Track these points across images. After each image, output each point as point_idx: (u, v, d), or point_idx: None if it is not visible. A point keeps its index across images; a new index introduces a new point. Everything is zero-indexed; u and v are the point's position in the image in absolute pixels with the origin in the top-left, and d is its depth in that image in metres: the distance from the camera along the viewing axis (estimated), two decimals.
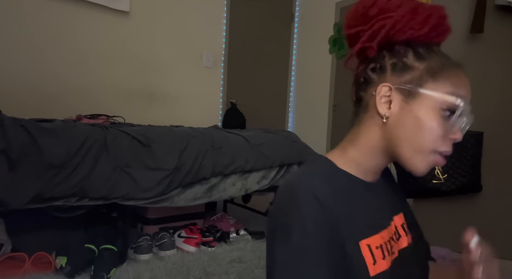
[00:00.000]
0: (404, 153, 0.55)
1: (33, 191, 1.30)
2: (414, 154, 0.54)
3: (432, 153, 0.54)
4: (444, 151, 0.54)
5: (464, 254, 0.53)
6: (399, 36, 0.55)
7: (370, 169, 0.60)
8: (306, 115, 3.73)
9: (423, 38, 0.56)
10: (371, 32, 0.56)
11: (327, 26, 3.39)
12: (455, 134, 0.53)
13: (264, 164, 1.90)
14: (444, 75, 0.53)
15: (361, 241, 0.54)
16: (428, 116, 0.52)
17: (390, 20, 0.54)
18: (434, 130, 0.52)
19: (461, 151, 1.97)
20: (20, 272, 1.38)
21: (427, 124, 0.52)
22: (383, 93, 0.55)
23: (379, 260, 0.55)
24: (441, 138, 0.53)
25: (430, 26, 0.54)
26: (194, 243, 1.75)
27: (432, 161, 0.54)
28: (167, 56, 2.91)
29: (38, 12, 2.27)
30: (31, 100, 2.25)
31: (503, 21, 1.97)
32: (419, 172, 0.55)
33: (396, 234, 0.62)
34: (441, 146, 0.53)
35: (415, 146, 0.54)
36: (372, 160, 0.59)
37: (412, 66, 0.55)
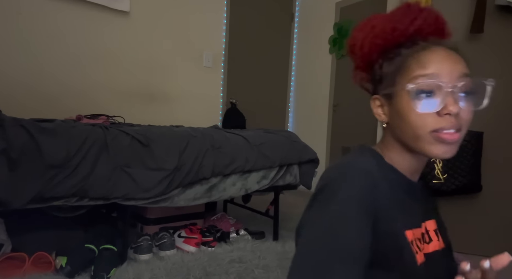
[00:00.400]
0: (412, 145, 0.58)
1: (33, 191, 1.29)
2: (417, 142, 0.57)
3: (429, 134, 0.55)
4: (437, 128, 0.54)
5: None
6: (372, 56, 0.62)
7: (406, 168, 0.63)
8: (306, 115, 3.73)
9: (392, 43, 0.60)
10: (354, 67, 0.67)
11: (327, 26, 3.39)
12: (447, 108, 0.53)
13: (264, 164, 1.90)
14: (407, 64, 0.57)
15: (407, 231, 0.58)
16: (408, 106, 0.56)
17: (356, 52, 0.63)
18: (413, 116, 0.55)
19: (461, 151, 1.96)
20: (20, 272, 1.38)
21: (410, 113, 0.56)
22: (376, 104, 0.63)
23: (419, 252, 0.59)
24: (433, 118, 0.54)
25: (388, 33, 0.59)
26: (194, 243, 1.75)
27: (438, 139, 0.54)
28: (167, 56, 2.91)
29: (38, 12, 2.27)
30: (31, 100, 2.25)
31: (503, 21, 1.97)
32: (437, 155, 0.56)
33: (426, 237, 0.63)
34: (433, 125, 0.54)
35: (411, 135, 0.57)
36: (402, 159, 0.62)
37: (385, 73, 0.61)
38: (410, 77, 0.55)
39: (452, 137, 0.54)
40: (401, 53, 0.59)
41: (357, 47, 0.63)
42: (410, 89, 0.55)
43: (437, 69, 0.54)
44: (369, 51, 0.62)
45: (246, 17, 3.43)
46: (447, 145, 0.55)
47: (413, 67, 0.56)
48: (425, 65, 0.55)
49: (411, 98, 0.55)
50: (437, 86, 0.54)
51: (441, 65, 0.55)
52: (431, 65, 0.55)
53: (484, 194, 2.02)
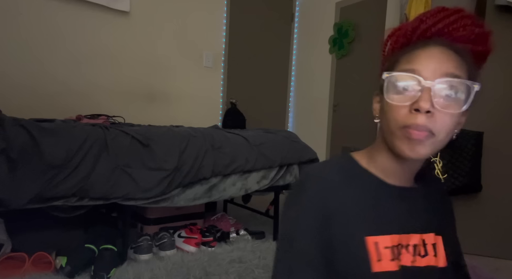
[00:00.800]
0: (387, 141, 0.58)
1: (33, 191, 1.30)
2: (389, 137, 0.57)
3: (400, 129, 0.54)
4: (407, 124, 0.53)
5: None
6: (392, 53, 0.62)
7: (388, 170, 0.62)
8: (306, 115, 3.73)
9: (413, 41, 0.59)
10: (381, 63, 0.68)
11: (327, 26, 3.39)
12: (417, 104, 0.52)
13: (264, 164, 1.90)
14: (399, 60, 0.57)
15: (369, 237, 0.57)
16: (385, 102, 0.57)
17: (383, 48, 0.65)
18: (393, 109, 0.55)
19: (461, 151, 1.97)
20: (20, 272, 1.38)
21: (387, 106, 0.56)
22: (376, 100, 0.64)
23: (386, 260, 0.57)
24: (407, 114, 0.53)
25: (409, 31, 0.59)
26: (194, 243, 1.75)
27: (405, 135, 0.54)
28: (167, 56, 2.91)
29: (38, 12, 2.28)
30: (31, 100, 2.25)
31: (503, 21, 1.97)
32: (402, 152, 0.55)
33: (419, 249, 0.61)
34: (404, 121, 0.53)
35: (387, 129, 0.57)
36: (387, 159, 0.61)
37: (385, 69, 0.61)
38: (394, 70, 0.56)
39: (417, 135, 0.52)
40: (403, 50, 0.59)
41: (383, 45, 0.65)
42: (385, 78, 0.55)
43: (421, 65, 0.54)
44: (392, 48, 0.62)
45: (246, 17, 3.43)
46: (415, 143, 0.53)
47: (402, 62, 0.56)
48: (411, 61, 0.55)
49: (386, 88, 0.56)
50: (414, 79, 0.53)
51: (426, 61, 0.54)
52: (416, 61, 0.54)
53: (484, 194, 2.02)
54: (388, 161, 0.61)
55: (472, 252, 2.00)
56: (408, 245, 0.60)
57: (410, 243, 0.60)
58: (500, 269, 1.86)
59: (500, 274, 1.79)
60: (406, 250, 0.60)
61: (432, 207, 0.65)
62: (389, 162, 0.61)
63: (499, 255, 2.01)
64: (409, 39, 0.59)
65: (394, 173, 0.62)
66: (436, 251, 0.62)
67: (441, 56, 0.54)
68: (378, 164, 0.62)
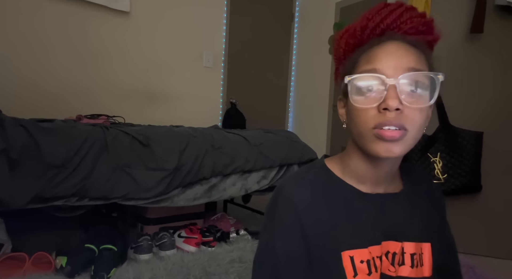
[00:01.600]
0: (359, 144, 0.56)
1: (33, 191, 1.30)
2: (360, 140, 0.55)
3: (370, 130, 0.53)
4: (377, 124, 0.51)
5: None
6: (344, 56, 0.62)
7: (362, 176, 0.59)
8: (306, 115, 3.73)
9: (364, 42, 0.59)
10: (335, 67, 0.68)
11: (327, 26, 3.38)
12: (385, 103, 0.50)
13: (264, 164, 1.90)
14: (359, 59, 0.56)
15: (344, 252, 0.55)
16: (351, 104, 0.55)
17: (335, 53, 0.65)
18: (361, 112, 0.53)
19: (461, 151, 1.97)
20: (20, 272, 1.38)
21: (353, 110, 0.55)
22: (341, 105, 0.63)
23: (362, 275, 0.55)
24: (375, 115, 0.52)
25: (358, 32, 0.59)
26: (194, 243, 1.75)
27: (377, 136, 0.52)
28: (167, 56, 2.92)
29: (38, 12, 2.28)
30: (31, 100, 2.25)
31: (503, 21, 1.97)
32: (377, 154, 0.53)
33: (398, 258, 0.59)
34: (373, 121, 0.52)
35: (355, 132, 0.56)
36: (358, 164, 0.59)
37: (344, 71, 0.60)
38: (356, 72, 0.55)
39: (391, 135, 0.50)
40: (358, 50, 0.58)
41: (334, 49, 0.64)
42: (348, 83, 0.54)
43: (381, 64, 0.52)
44: (343, 51, 0.62)
45: (246, 17, 3.43)
46: (389, 143, 0.51)
47: (361, 63, 0.55)
48: (371, 60, 0.53)
49: (350, 92, 0.54)
50: (377, 79, 0.52)
51: (386, 59, 0.52)
52: (375, 59, 0.53)
53: (484, 194, 2.02)
54: (361, 165, 0.59)
55: (472, 252, 2.00)
56: (388, 252, 0.58)
57: (389, 250, 0.58)
58: (500, 269, 1.86)
59: (500, 274, 1.79)
60: (386, 258, 0.58)
61: (417, 212, 0.62)
62: (362, 167, 0.59)
63: (499, 255, 2.01)
64: (360, 39, 0.58)
65: (369, 178, 0.59)
66: (419, 260, 0.60)
67: (399, 51, 0.53)
68: (352, 171, 0.60)
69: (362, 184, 0.60)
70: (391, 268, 0.58)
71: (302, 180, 0.60)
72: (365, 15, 0.58)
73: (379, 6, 0.58)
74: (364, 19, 0.58)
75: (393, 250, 0.58)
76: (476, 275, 1.67)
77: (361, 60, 0.55)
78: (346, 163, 0.61)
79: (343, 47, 0.61)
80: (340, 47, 0.62)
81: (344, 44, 0.61)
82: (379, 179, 0.60)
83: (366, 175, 0.59)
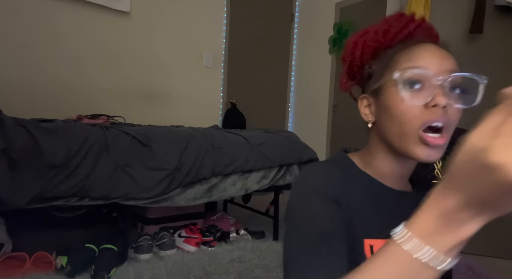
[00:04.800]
0: (396, 145, 0.56)
1: (33, 191, 1.30)
2: (401, 140, 0.54)
3: (417, 131, 0.52)
4: (426, 121, 0.51)
5: None
6: (365, 59, 0.62)
7: (385, 174, 0.61)
8: (306, 115, 3.73)
9: (385, 45, 0.60)
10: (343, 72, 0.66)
11: (327, 26, 3.39)
12: (434, 100, 0.50)
13: (264, 164, 1.90)
14: (395, 59, 0.56)
15: (366, 239, 0.56)
16: (395, 99, 0.54)
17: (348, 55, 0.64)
18: (405, 110, 0.53)
19: None
20: (20, 272, 1.38)
21: (392, 108, 0.54)
22: (364, 104, 0.62)
23: None
24: (420, 112, 0.52)
25: (380, 35, 0.59)
26: (194, 242, 1.75)
27: (422, 140, 0.52)
28: (167, 56, 2.92)
29: (38, 12, 2.28)
30: (31, 101, 2.26)
31: (503, 22, 1.97)
32: (419, 158, 0.53)
33: None
34: (421, 119, 0.51)
35: (396, 132, 0.55)
36: (384, 163, 0.60)
37: (373, 71, 0.60)
38: (400, 67, 0.54)
39: (436, 142, 0.51)
40: (390, 51, 0.58)
41: (348, 52, 0.63)
42: (397, 78, 0.52)
43: (426, 63, 0.53)
44: (361, 53, 0.61)
45: (246, 18, 3.44)
46: (431, 148, 0.52)
47: (402, 61, 0.55)
48: (414, 58, 0.54)
49: (399, 88, 0.53)
50: (425, 77, 0.52)
51: (430, 59, 0.53)
52: (419, 58, 0.53)
53: None
54: (386, 164, 0.60)
55: (472, 252, 2.00)
56: None
57: None
58: (500, 269, 1.86)
59: (500, 274, 1.79)
60: None
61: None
62: (387, 165, 0.60)
63: (499, 255, 2.01)
64: (381, 42, 0.59)
65: (391, 176, 0.61)
66: None
67: (441, 52, 0.54)
68: (374, 168, 0.61)
69: (383, 180, 0.61)
70: None
71: (329, 166, 0.60)
72: (386, 20, 0.60)
73: (398, 14, 0.60)
74: (385, 23, 0.60)
75: None
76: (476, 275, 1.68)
77: (399, 59, 0.55)
78: (368, 162, 0.62)
79: (360, 50, 0.61)
80: (357, 49, 0.62)
81: (362, 46, 0.61)
82: (401, 177, 0.62)
83: (388, 173, 0.61)
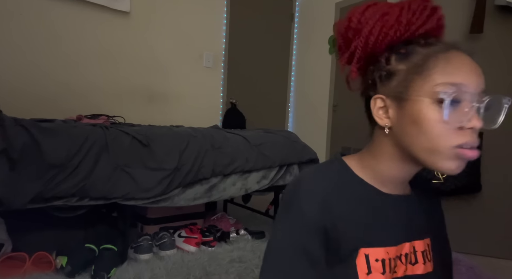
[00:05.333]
0: (422, 157, 0.52)
1: (33, 191, 1.30)
2: (431, 156, 0.51)
3: (451, 149, 0.49)
4: (462, 143, 0.49)
5: None
6: (378, 47, 0.55)
7: (387, 179, 0.58)
8: (306, 115, 3.73)
9: (405, 38, 0.54)
10: (348, 55, 0.57)
11: (327, 26, 3.39)
12: (470, 123, 0.48)
13: (264, 164, 1.90)
14: (430, 67, 0.50)
15: (360, 249, 0.55)
16: (425, 115, 0.50)
17: (361, 39, 0.54)
18: (437, 127, 0.49)
19: None
20: (20, 272, 1.38)
21: (426, 123, 0.50)
22: (378, 105, 0.56)
23: (376, 273, 0.54)
24: (454, 132, 0.49)
25: (403, 25, 0.53)
26: (194, 242, 1.75)
27: (458, 155, 0.50)
28: (167, 56, 2.92)
29: (38, 12, 2.28)
30: (31, 101, 2.25)
31: (503, 21, 1.97)
32: (450, 172, 0.51)
33: (410, 257, 0.59)
34: (456, 140, 0.49)
35: (427, 147, 0.51)
36: (390, 169, 0.57)
37: (396, 70, 0.54)
38: (436, 83, 0.49)
39: (473, 155, 0.50)
40: (417, 51, 0.53)
41: (361, 34, 0.54)
42: (442, 96, 0.48)
43: (465, 80, 0.49)
44: (376, 41, 0.54)
45: (246, 17, 3.43)
46: (463, 161, 0.51)
47: (437, 71, 0.50)
48: (453, 72, 0.49)
49: (440, 107, 0.49)
50: (465, 97, 0.49)
51: (469, 76, 0.50)
52: (458, 73, 0.49)
53: (483, 194, 2.02)
54: (391, 170, 0.57)
55: (472, 252, 2.00)
56: (401, 255, 0.58)
57: (402, 252, 0.58)
58: (500, 269, 1.86)
59: (500, 274, 1.79)
60: (400, 261, 0.58)
61: (424, 212, 0.63)
62: (392, 171, 0.57)
63: (499, 255, 2.01)
64: (402, 34, 0.53)
65: (392, 181, 0.58)
66: (426, 257, 0.61)
67: (476, 69, 0.51)
68: (375, 173, 0.58)
69: (382, 185, 0.59)
70: (403, 267, 0.58)
71: (321, 174, 0.58)
72: (409, 3, 0.53)
73: (420, 1, 0.54)
74: (408, 10, 0.52)
75: (405, 251, 0.58)
76: (476, 275, 1.67)
77: (434, 67, 0.50)
78: (369, 165, 0.59)
79: (376, 35, 0.53)
80: (371, 35, 0.53)
81: (379, 32, 0.53)
82: (402, 182, 0.60)
83: (390, 179, 0.58)
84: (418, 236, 0.60)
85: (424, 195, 0.65)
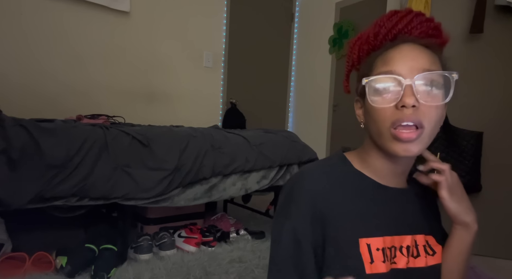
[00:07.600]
0: (378, 143, 0.59)
1: (33, 191, 1.30)
2: (380, 139, 0.57)
3: (388, 129, 0.55)
4: (394, 120, 0.54)
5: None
6: (361, 61, 0.65)
7: (380, 170, 0.62)
8: (306, 115, 3.73)
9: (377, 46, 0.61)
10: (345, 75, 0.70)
11: (327, 26, 3.39)
12: (402, 101, 0.53)
13: (264, 164, 1.90)
14: (376, 62, 0.59)
15: (361, 239, 0.58)
16: (368, 104, 0.58)
17: (347, 59, 0.67)
18: (376, 112, 0.56)
19: (461, 151, 1.97)
20: (20, 272, 1.38)
21: (371, 109, 0.57)
22: (358, 106, 0.66)
23: (378, 262, 0.57)
24: (393, 112, 0.54)
25: (372, 35, 0.61)
26: (194, 243, 1.75)
27: (394, 136, 0.54)
28: (167, 56, 2.92)
29: (38, 12, 2.28)
30: (31, 101, 2.26)
31: (503, 21, 1.97)
32: (397, 153, 0.56)
33: (412, 250, 0.61)
34: (394, 117, 0.54)
35: (375, 131, 0.58)
36: (377, 160, 0.62)
37: (360, 74, 0.63)
38: (376, 72, 0.57)
39: (408, 136, 0.53)
40: (373, 54, 0.61)
41: (347, 55, 0.67)
42: (365, 84, 0.57)
43: (397, 65, 0.55)
44: (357, 57, 0.64)
45: (246, 17, 3.43)
46: (406, 143, 0.54)
47: (378, 65, 0.58)
48: (387, 62, 0.56)
49: (368, 93, 0.57)
50: (393, 80, 0.55)
51: (401, 61, 0.55)
52: (391, 61, 0.56)
53: (484, 193, 2.02)
54: (380, 162, 0.62)
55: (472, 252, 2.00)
56: (401, 246, 0.61)
57: (403, 244, 0.61)
58: (500, 269, 1.86)
59: (500, 274, 1.79)
60: (401, 252, 0.60)
61: (422, 207, 0.66)
62: (382, 164, 0.62)
63: (499, 255, 2.01)
64: (373, 45, 0.62)
65: (388, 174, 0.63)
66: (428, 250, 0.64)
67: (413, 52, 0.56)
68: (371, 166, 0.63)
69: (379, 178, 0.63)
70: (405, 260, 0.60)
71: (321, 169, 0.63)
72: (377, 22, 0.62)
73: (390, 13, 0.61)
74: (376, 26, 0.61)
75: (407, 243, 0.61)
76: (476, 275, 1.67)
77: (377, 63, 0.58)
78: (365, 159, 0.64)
79: (356, 53, 0.64)
80: (353, 53, 0.65)
81: (358, 50, 0.64)
82: (395, 175, 0.63)
83: (384, 171, 0.62)
84: (416, 229, 0.64)
85: (422, 191, 0.68)
